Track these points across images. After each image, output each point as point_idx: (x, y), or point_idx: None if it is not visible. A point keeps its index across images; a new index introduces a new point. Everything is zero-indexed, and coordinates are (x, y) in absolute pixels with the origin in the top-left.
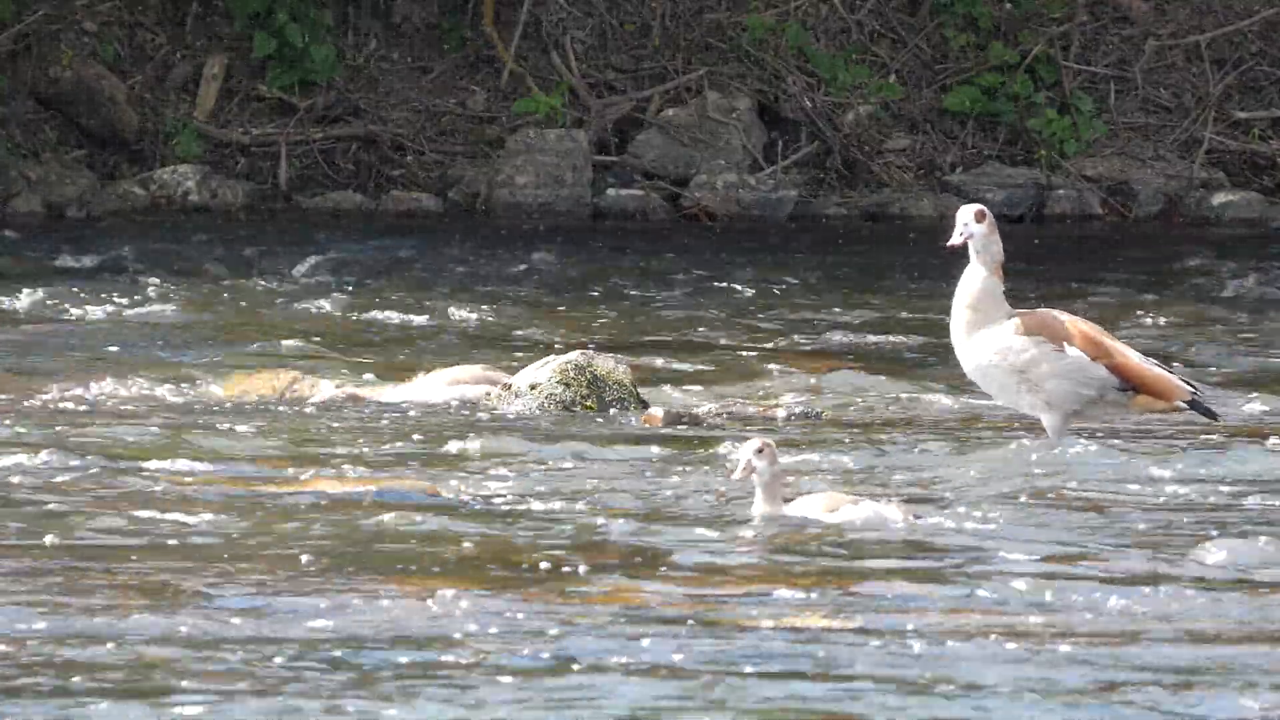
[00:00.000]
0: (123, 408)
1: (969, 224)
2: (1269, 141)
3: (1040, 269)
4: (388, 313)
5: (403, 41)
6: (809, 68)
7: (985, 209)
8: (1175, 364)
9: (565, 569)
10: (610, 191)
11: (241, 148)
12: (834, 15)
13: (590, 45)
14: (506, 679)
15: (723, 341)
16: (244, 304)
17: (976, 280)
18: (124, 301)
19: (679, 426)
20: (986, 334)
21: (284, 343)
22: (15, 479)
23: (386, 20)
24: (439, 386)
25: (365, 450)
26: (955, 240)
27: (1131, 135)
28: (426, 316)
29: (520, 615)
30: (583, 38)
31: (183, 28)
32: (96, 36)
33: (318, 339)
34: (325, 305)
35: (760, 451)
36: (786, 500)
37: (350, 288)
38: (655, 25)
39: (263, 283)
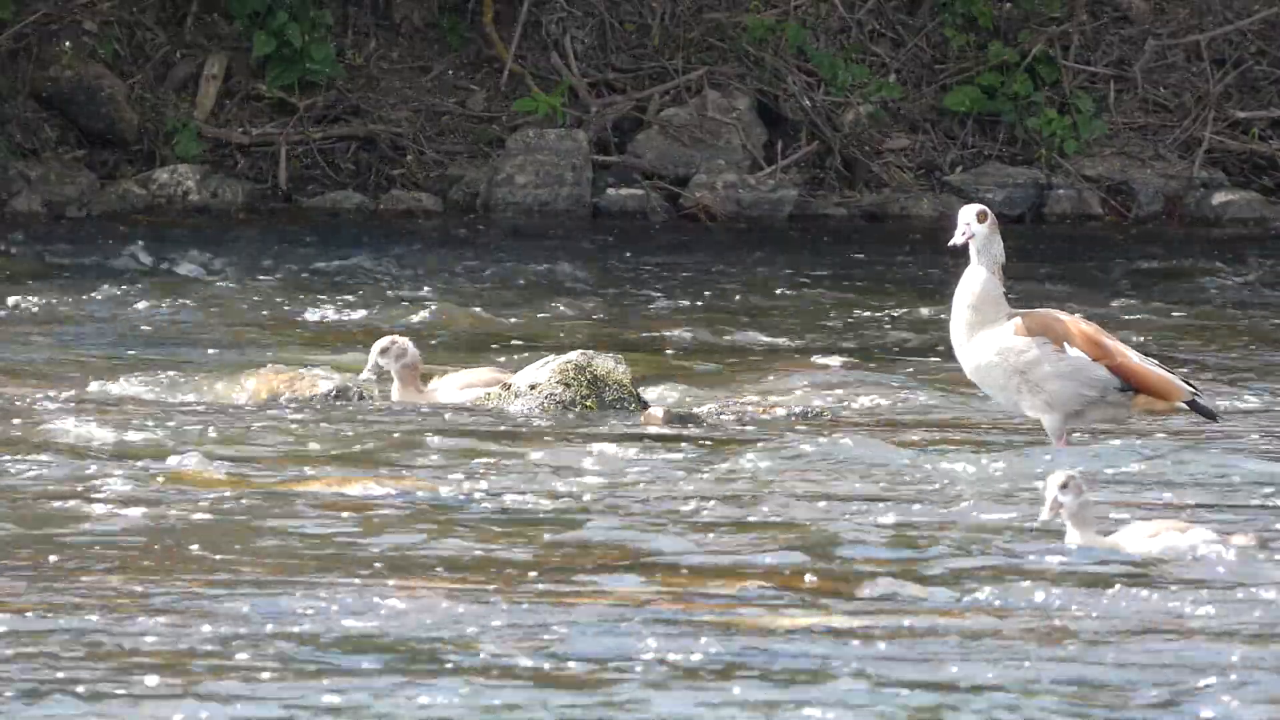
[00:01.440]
0: (122, 407)
1: (971, 224)
2: (1269, 141)
3: (1040, 269)
4: (387, 312)
5: (402, 41)
6: (809, 67)
7: (987, 209)
8: (1175, 364)
9: (566, 569)
10: (610, 191)
11: (241, 147)
12: (834, 15)
13: (590, 45)
14: (506, 679)
15: (723, 341)
16: (243, 304)
17: (977, 280)
18: (123, 301)
19: (679, 426)
20: (987, 334)
21: (284, 343)
22: (15, 479)
23: (386, 20)
24: (451, 390)
25: (365, 450)
26: (957, 240)
27: (1131, 135)
28: (426, 316)
29: (520, 615)
30: (583, 37)
31: (182, 27)
32: (96, 36)
33: (317, 338)
34: (325, 304)
35: (1064, 486)
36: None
37: (350, 287)
38: (655, 25)
39: (262, 282)
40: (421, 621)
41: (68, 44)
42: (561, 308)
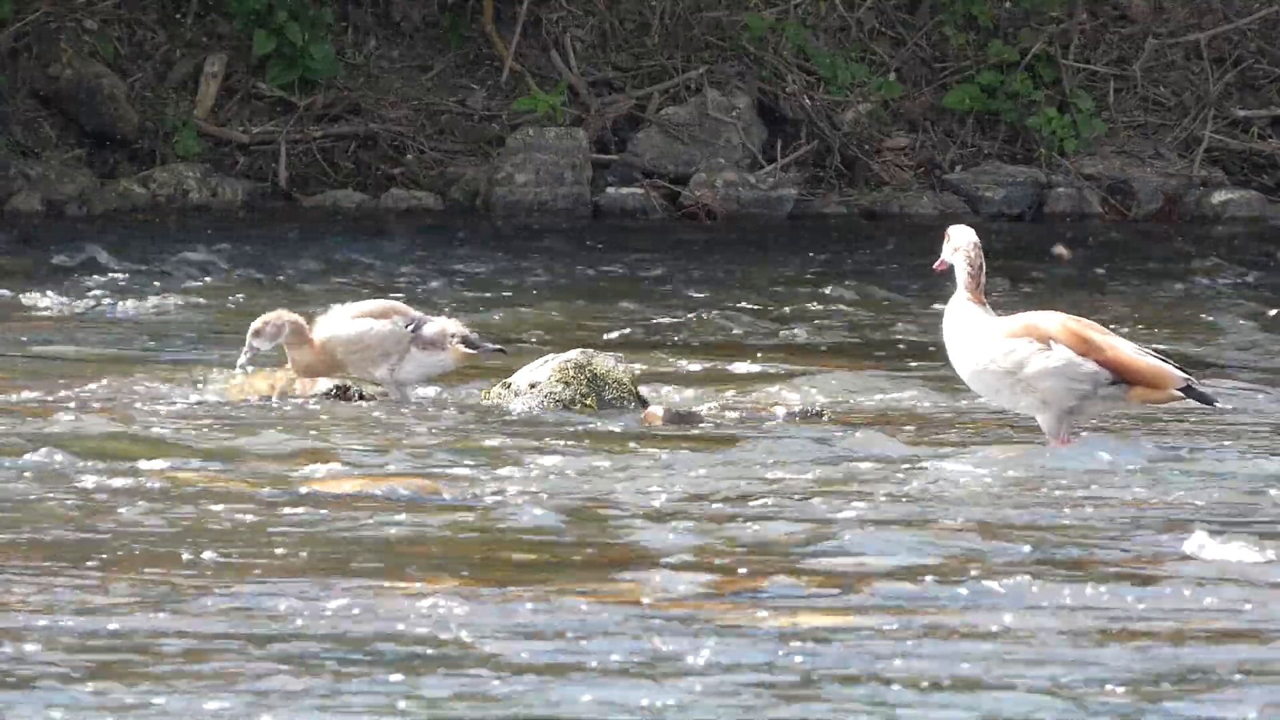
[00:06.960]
0: (122, 407)
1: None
2: (1268, 140)
3: (1040, 268)
4: None
5: (402, 40)
6: (809, 66)
7: (966, 238)
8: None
9: (565, 568)
10: (610, 190)
11: (241, 146)
12: (833, 13)
13: (590, 43)
14: (505, 679)
15: (723, 341)
16: (243, 303)
17: (958, 306)
18: (123, 300)
19: (679, 426)
20: (976, 342)
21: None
22: (16, 479)
23: (386, 18)
24: (343, 321)
25: (364, 448)
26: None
27: (1131, 134)
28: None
29: (520, 615)
30: (582, 36)
31: (182, 26)
32: (96, 34)
33: None
34: (325, 303)
35: None
36: None
37: (350, 286)
38: (655, 23)
39: (262, 281)
40: (421, 621)
41: (65, 43)
42: (561, 307)
